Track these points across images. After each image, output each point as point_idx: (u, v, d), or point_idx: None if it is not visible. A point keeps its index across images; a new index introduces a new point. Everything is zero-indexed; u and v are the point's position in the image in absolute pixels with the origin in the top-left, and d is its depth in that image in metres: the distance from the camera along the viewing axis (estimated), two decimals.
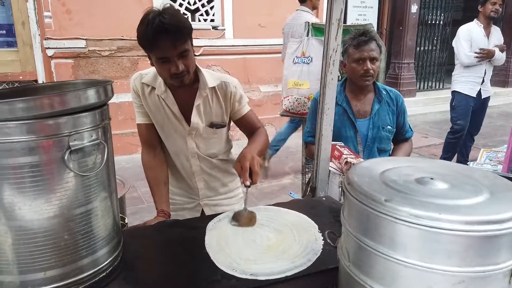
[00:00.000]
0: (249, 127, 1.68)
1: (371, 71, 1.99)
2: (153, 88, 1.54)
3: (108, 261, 0.99)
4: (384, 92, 2.12)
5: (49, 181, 0.84)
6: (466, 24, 4.15)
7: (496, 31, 4.16)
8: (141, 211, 3.48)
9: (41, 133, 0.81)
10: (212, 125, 1.61)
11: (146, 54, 1.44)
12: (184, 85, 1.46)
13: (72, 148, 0.85)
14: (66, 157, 0.84)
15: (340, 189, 0.86)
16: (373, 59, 1.99)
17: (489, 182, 0.81)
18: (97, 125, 0.91)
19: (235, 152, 1.80)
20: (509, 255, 0.70)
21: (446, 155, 4.40)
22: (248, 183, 1.33)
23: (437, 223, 0.67)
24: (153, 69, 1.56)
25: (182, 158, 1.66)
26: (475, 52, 4.02)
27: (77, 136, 0.86)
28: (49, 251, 0.87)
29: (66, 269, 0.90)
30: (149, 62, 1.47)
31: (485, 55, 4.00)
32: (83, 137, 0.87)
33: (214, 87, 1.56)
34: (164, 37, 1.31)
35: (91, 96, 0.88)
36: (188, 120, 1.57)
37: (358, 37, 1.99)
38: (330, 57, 1.55)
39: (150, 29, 1.30)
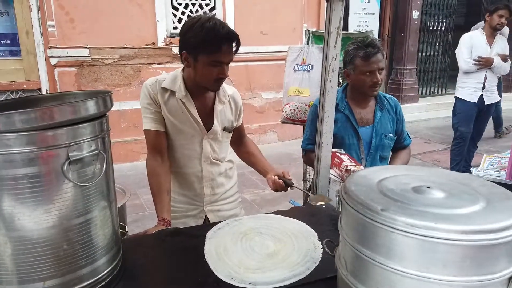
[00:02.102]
0: (239, 135, 1.85)
1: (380, 81, 2.00)
2: (172, 92, 1.58)
3: (107, 270, 0.99)
4: (385, 101, 2.12)
5: (48, 192, 0.85)
6: (470, 32, 4.19)
7: (501, 40, 4.16)
8: (143, 219, 3.49)
9: (40, 145, 0.82)
10: (225, 129, 1.72)
11: (183, 57, 1.52)
12: (217, 90, 1.60)
13: (71, 159, 0.85)
14: (65, 168, 0.85)
15: (338, 198, 0.86)
16: (380, 70, 1.99)
17: (487, 191, 0.81)
18: (97, 135, 0.92)
19: (237, 158, 1.88)
20: (506, 264, 0.70)
21: (454, 164, 4.37)
22: (291, 181, 1.64)
23: (433, 232, 0.67)
24: (168, 74, 1.65)
25: (195, 163, 1.69)
26: (474, 60, 4.04)
27: (76, 147, 0.87)
28: (48, 261, 0.87)
29: (65, 278, 0.90)
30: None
31: (483, 63, 4.01)
32: (82, 147, 0.88)
33: (229, 95, 1.70)
34: (229, 44, 1.46)
35: (90, 107, 0.89)
36: (204, 124, 1.64)
37: (365, 49, 1.96)
38: (330, 65, 1.55)
39: (218, 35, 1.42)
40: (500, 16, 3.97)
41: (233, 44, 1.48)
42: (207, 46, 1.44)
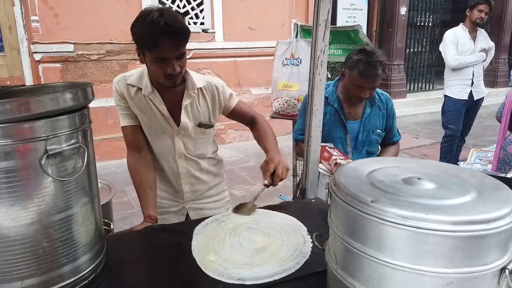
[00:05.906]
0: (243, 116, 1.72)
1: (368, 97, 2.02)
2: (139, 89, 1.53)
3: (90, 268, 0.96)
4: (376, 97, 2.11)
5: (26, 187, 0.81)
6: (452, 28, 4.20)
7: (482, 34, 4.21)
8: (131, 216, 3.44)
9: (17, 137, 0.78)
10: (200, 125, 1.62)
11: (137, 53, 1.44)
12: (174, 86, 1.48)
13: (50, 153, 0.82)
14: (43, 162, 0.81)
15: (327, 191, 0.84)
16: (373, 88, 2.00)
17: (477, 182, 0.80)
18: (77, 128, 0.89)
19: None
20: (497, 255, 0.69)
21: (443, 161, 4.40)
22: (266, 182, 1.46)
23: (424, 223, 0.66)
24: (137, 70, 1.56)
25: (169, 159, 1.64)
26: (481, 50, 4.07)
27: (55, 140, 0.83)
28: (27, 259, 0.83)
29: (45, 277, 0.86)
30: (138, 65, 1.46)
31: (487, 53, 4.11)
32: (62, 141, 0.84)
33: (201, 88, 1.58)
34: (168, 38, 1.33)
35: (69, 98, 0.85)
36: (175, 120, 1.57)
37: (366, 67, 1.90)
38: (318, 58, 1.53)
39: (154, 29, 1.31)
40: (480, 11, 3.99)
41: (178, 39, 1.35)
42: (145, 42, 1.36)
